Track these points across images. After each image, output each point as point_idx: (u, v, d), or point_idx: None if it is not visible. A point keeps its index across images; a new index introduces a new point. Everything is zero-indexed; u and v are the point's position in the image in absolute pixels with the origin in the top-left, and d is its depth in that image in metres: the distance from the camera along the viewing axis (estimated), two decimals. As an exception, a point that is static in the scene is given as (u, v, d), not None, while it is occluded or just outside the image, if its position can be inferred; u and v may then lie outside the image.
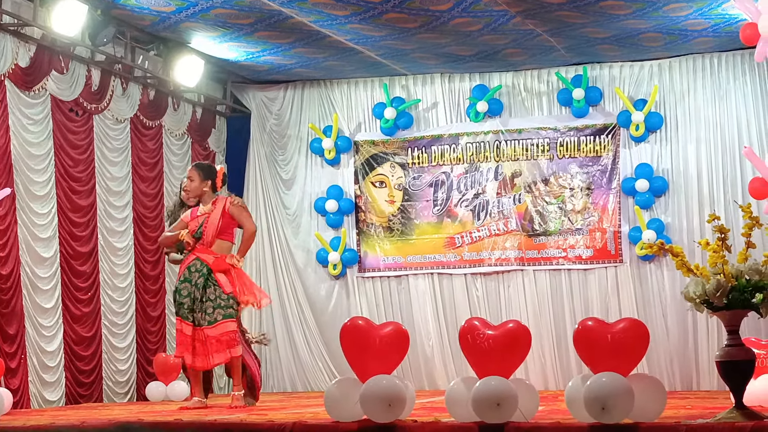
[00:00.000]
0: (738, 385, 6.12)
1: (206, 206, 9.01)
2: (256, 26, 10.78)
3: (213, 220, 8.93)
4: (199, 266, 8.90)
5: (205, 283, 8.86)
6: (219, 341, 8.83)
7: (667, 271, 11.91)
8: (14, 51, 9.78)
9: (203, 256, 8.92)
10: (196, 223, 8.98)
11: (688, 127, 12.10)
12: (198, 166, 9.23)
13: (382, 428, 6.29)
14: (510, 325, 6.43)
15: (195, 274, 8.89)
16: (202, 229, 8.93)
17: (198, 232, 8.93)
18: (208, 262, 8.90)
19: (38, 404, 9.91)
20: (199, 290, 8.85)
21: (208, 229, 8.92)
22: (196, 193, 9.03)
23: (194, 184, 9.03)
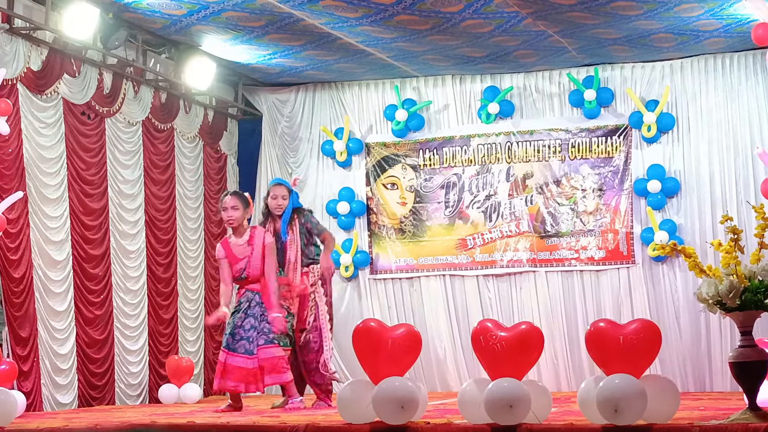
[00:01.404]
0: (751, 386, 6.11)
1: (241, 239, 9.06)
2: (267, 29, 10.80)
3: (255, 262, 9.02)
4: (251, 295, 9.04)
5: (260, 309, 9.00)
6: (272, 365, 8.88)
7: (679, 272, 11.89)
8: (26, 55, 9.80)
9: (253, 287, 9.07)
10: (238, 268, 9.03)
11: (700, 127, 12.08)
12: (239, 195, 9.22)
13: (394, 430, 6.29)
14: (522, 327, 6.44)
15: (246, 303, 9.03)
16: (245, 274, 9.01)
17: (242, 276, 9.04)
18: (257, 289, 9.05)
19: (51, 407, 9.93)
20: (254, 318, 8.97)
21: (252, 270, 9.01)
22: (240, 222, 9.10)
23: (238, 213, 9.08)
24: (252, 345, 8.86)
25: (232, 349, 8.87)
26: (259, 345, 8.87)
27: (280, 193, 9.38)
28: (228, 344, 8.91)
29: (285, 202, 9.36)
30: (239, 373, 8.83)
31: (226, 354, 8.89)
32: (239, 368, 8.84)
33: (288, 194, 9.39)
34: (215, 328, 9.32)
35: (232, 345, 8.89)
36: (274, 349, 8.89)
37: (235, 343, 8.88)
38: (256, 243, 9.00)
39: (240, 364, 8.85)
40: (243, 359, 8.85)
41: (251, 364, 8.83)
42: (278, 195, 9.38)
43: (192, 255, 12.30)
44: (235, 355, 8.86)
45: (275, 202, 9.37)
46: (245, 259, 8.98)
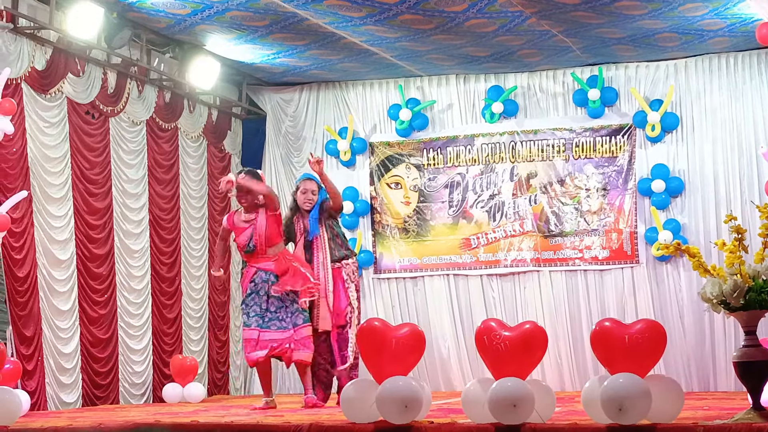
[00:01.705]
0: (755, 386, 6.10)
1: (249, 214, 9.04)
2: (271, 28, 10.80)
3: (260, 231, 8.98)
4: (265, 276, 8.98)
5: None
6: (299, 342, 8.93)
7: (683, 271, 11.88)
8: (30, 54, 9.81)
9: (263, 266, 8.99)
10: (244, 238, 9.00)
11: (704, 127, 12.07)
12: (253, 173, 9.17)
13: (398, 429, 6.29)
14: (526, 326, 6.43)
15: (263, 284, 8.97)
16: (253, 242, 8.96)
17: (249, 246, 8.97)
18: (270, 269, 8.98)
19: (55, 406, 9.94)
20: (276, 299, 8.95)
21: (259, 241, 8.97)
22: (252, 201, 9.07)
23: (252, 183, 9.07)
24: (285, 322, 8.93)
25: (265, 327, 8.90)
26: (296, 325, 8.93)
27: (310, 188, 9.21)
28: (260, 324, 8.92)
29: (315, 198, 9.19)
30: (271, 345, 8.90)
31: (259, 331, 8.92)
32: (273, 340, 8.91)
33: (318, 189, 9.22)
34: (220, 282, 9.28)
35: (264, 324, 8.91)
36: (305, 329, 8.96)
37: (267, 322, 8.91)
38: (259, 212, 9.00)
39: (274, 337, 8.91)
40: (278, 333, 8.92)
41: (286, 335, 8.90)
42: (308, 189, 9.20)
43: (196, 254, 12.30)
44: (268, 331, 8.91)
45: (305, 197, 9.20)
46: (250, 228, 8.96)
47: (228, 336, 12.84)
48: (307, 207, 9.19)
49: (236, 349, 12.98)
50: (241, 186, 8.92)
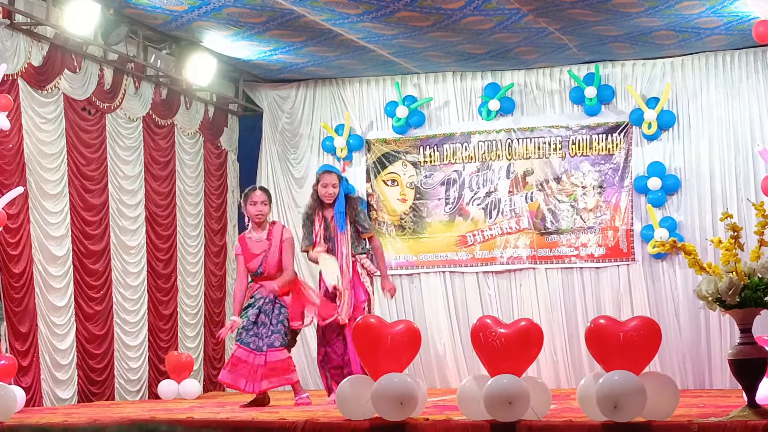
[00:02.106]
0: (750, 384, 6.11)
1: (260, 234, 9.07)
2: (268, 25, 10.80)
3: (272, 260, 9.05)
4: (265, 293, 9.01)
5: (272, 306, 9.00)
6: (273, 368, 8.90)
7: (679, 269, 11.89)
8: (27, 50, 9.80)
9: (266, 284, 9.04)
10: (255, 264, 9.05)
11: (700, 125, 12.08)
12: (265, 190, 9.27)
13: (393, 426, 6.29)
14: (522, 324, 6.44)
15: (260, 300, 9.03)
16: (261, 269, 9.03)
17: (258, 272, 9.05)
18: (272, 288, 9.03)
19: (51, 402, 9.94)
20: (265, 315, 8.97)
21: (268, 266, 9.04)
22: (266, 217, 9.13)
23: (267, 209, 9.17)
24: (262, 342, 8.90)
25: (244, 343, 8.93)
26: (271, 347, 8.89)
27: (331, 181, 9.10)
28: (241, 338, 8.96)
29: (336, 190, 9.09)
30: (242, 369, 8.88)
31: (237, 347, 8.98)
32: (243, 362, 8.89)
33: (338, 181, 9.12)
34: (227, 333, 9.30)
35: (245, 339, 8.94)
36: (282, 353, 8.93)
37: (248, 337, 8.93)
38: (274, 238, 9.06)
39: (244, 358, 8.90)
40: (249, 353, 8.90)
41: (257, 360, 8.87)
42: (329, 183, 9.09)
43: (192, 251, 12.30)
44: (244, 348, 8.93)
45: (326, 191, 9.10)
46: (262, 255, 9.03)
47: (224, 332, 12.82)
48: (328, 201, 9.11)
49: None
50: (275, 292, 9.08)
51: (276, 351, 8.90)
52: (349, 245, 9.10)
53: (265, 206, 9.10)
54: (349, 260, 9.09)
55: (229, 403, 9.69)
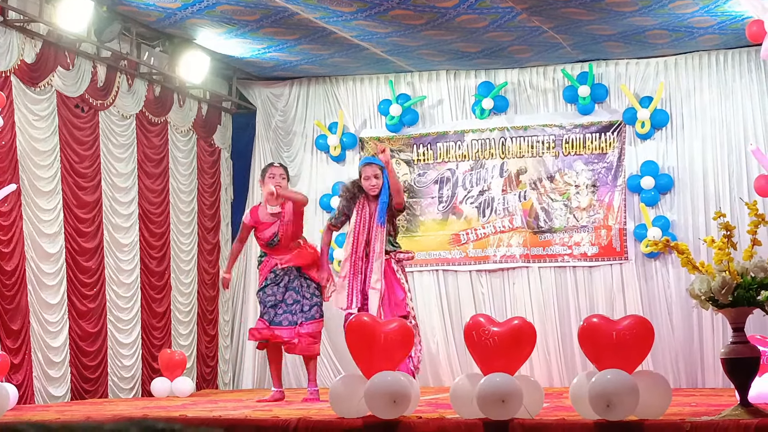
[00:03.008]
0: (743, 383, 6.12)
1: (274, 208, 9.12)
2: (261, 23, 10.79)
3: (287, 226, 9.09)
4: (288, 269, 9.07)
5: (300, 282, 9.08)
6: (313, 336, 9.07)
7: (672, 268, 11.91)
8: (20, 47, 9.79)
9: (283, 258, 9.08)
10: (269, 233, 9.08)
11: (693, 124, 12.09)
12: (284, 166, 9.39)
13: (386, 424, 6.29)
14: (515, 322, 6.44)
15: (284, 277, 9.08)
16: (279, 237, 9.07)
17: (274, 240, 9.05)
18: (292, 263, 9.08)
19: (43, 400, 9.93)
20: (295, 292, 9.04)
21: (284, 237, 9.09)
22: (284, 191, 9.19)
23: (285, 182, 9.22)
24: (296, 317, 9.03)
25: (276, 323, 9.00)
26: (305, 319, 9.04)
27: (372, 173, 8.86)
28: (271, 318, 9.02)
29: (379, 182, 8.83)
30: (280, 332, 9.05)
31: (268, 327, 9.06)
32: (281, 329, 9.04)
33: (380, 172, 8.86)
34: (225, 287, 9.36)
35: (276, 319, 9.01)
36: (315, 324, 9.09)
37: (278, 317, 9.00)
38: (286, 206, 9.15)
39: (284, 336, 9.04)
40: (287, 330, 9.03)
41: (294, 333, 9.02)
42: (370, 175, 8.85)
43: (185, 248, 12.29)
44: (278, 328, 9.02)
45: (368, 183, 8.84)
46: (276, 223, 9.09)
47: (217, 330, 12.84)
48: (373, 192, 8.86)
49: (225, 344, 12.98)
50: (281, 196, 9.08)
51: (309, 324, 9.05)
52: (383, 241, 8.85)
53: (283, 180, 9.20)
54: (382, 257, 8.80)
55: (222, 401, 9.69)
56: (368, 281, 8.76)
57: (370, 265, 8.80)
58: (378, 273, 8.74)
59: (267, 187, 9.04)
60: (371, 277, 8.75)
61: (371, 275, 8.75)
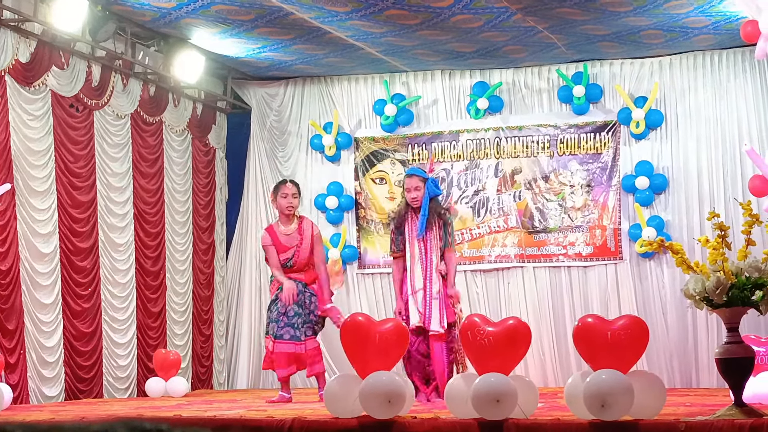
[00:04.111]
0: (737, 383, 6.13)
1: (289, 228, 9.17)
2: (256, 22, 10.78)
3: (304, 252, 9.17)
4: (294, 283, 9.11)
5: (303, 297, 9.11)
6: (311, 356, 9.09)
7: (666, 268, 11.91)
8: (15, 46, 9.77)
9: (294, 275, 9.15)
10: (287, 256, 9.16)
11: (688, 124, 12.11)
12: (296, 183, 9.42)
13: (381, 425, 6.29)
14: (510, 322, 6.45)
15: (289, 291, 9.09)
16: (293, 261, 9.15)
17: (289, 263, 9.15)
18: (300, 279, 9.16)
19: (37, 400, 9.91)
20: (297, 306, 9.05)
21: (299, 260, 9.16)
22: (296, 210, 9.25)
23: (297, 201, 9.29)
24: (299, 332, 9.03)
25: (278, 336, 9.04)
26: (307, 336, 9.05)
27: (413, 185, 8.85)
28: (275, 332, 9.06)
29: (419, 194, 8.79)
30: (286, 359, 9.01)
31: (273, 342, 9.06)
32: (286, 354, 9.01)
33: (422, 184, 8.81)
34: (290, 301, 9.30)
35: (278, 332, 9.04)
36: (312, 342, 9.11)
37: (280, 330, 9.01)
38: (305, 232, 9.22)
39: (286, 350, 9.02)
40: (291, 345, 9.02)
41: (299, 349, 9.02)
42: (411, 187, 8.84)
43: (180, 248, 12.28)
44: (281, 342, 9.03)
45: (409, 195, 8.84)
46: (294, 249, 9.19)
47: (212, 330, 12.83)
48: (415, 205, 8.84)
49: (220, 344, 12.97)
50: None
51: (312, 339, 9.09)
52: (437, 251, 8.78)
53: (295, 199, 9.25)
54: (434, 266, 8.74)
55: (217, 401, 9.68)
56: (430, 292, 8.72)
57: (428, 275, 8.75)
58: (438, 283, 8.72)
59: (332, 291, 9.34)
60: (432, 287, 8.72)
61: (431, 286, 8.73)
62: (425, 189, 8.81)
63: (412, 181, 8.88)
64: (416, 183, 8.85)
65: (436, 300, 8.67)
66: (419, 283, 8.73)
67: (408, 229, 8.91)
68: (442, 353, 8.60)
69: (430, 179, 8.91)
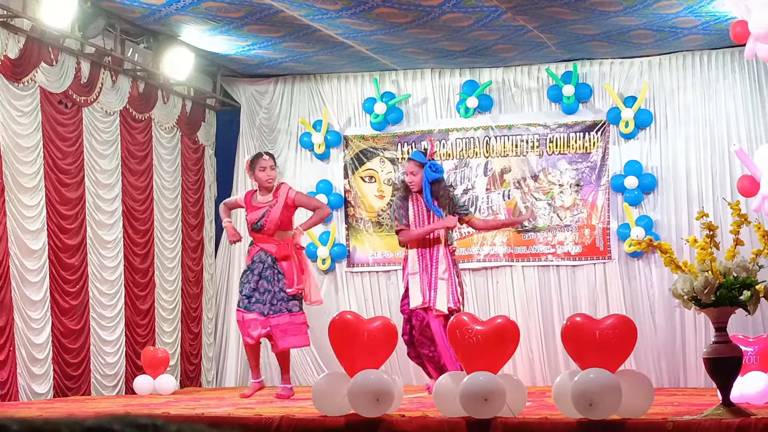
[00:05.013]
0: (725, 382, 6.14)
1: (267, 195, 9.11)
2: (246, 20, 10.77)
3: (274, 214, 9.07)
4: (264, 257, 9.03)
5: (272, 273, 9.00)
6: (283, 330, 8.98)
7: (655, 267, 11.94)
8: (3, 42, 9.75)
9: (266, 247, 9.06)
10: (256, 215, 9.10)
11: (677, 124, 12.13)
12: (272, 155, 9.40)
13: (369, 423, 6.29)
14: (498, 321, 6.46)
15: (259, 264, 9.00)
16: (262, 222, 9.04)
17: (258, 224, 9.04)
18: (270, 251, 9.04)
19: (26, 396, 9.89)
20: (266, 281, 8.96)
21: (269, 223, 9.05)
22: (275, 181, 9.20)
23: (275, 173, 9.23)
24: (266, 308, 8.98)
25: (249, 310, 9.00)
26: (273, 312, 8.97)
27: (409, 169, 9.01)
28: (245, 305, 9.03)
29: (415, 178, 8.93)
30: (256, 324, 8.97)
31: (243, 313, 9.03)
32: (255, 320, 8.97)
33: (418, 169, 8.96)
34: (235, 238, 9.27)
35: (249, 306, 9.00)
36: (285, 316, 9.01)
37: (251, 305, 8.99)
38: (280, 195, 9.15)
39: (256, 318, 8.98)
40: (258, 316, 8.97)
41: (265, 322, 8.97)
42: (408, 171, 9.03)
43: (169, 246, 12.27)
44: (250, 313, 8.99)
45: (407, 179, 9.04)
46: (265, 208, 9.07)
47: (201, 328, 12.82)
48: (414, 189, 8.97)
49: (208, 342, 12.96)
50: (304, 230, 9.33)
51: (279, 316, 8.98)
52: (443, 232, 8.93)
53: (273, 171, 9.22)
54: (447, 246, 8.91)
55: (205, 399, 9.67)
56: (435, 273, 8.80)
57: (434, 256, 8.85)
58: (444, 263, 8.82)
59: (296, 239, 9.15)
60: (438, 267, 8.80)
61: (437, 266, 8.81)
62: (422, 174, 8.92)
63: (409, 166, 9.06)
64: (412, 168, 9.00)
65: (443, 281, 8.75)
66: (416, 266, 8.84)
67: (415, 208, 8.99)
68: (441, 334, 8.58)
69: (428, 163, 8.98)
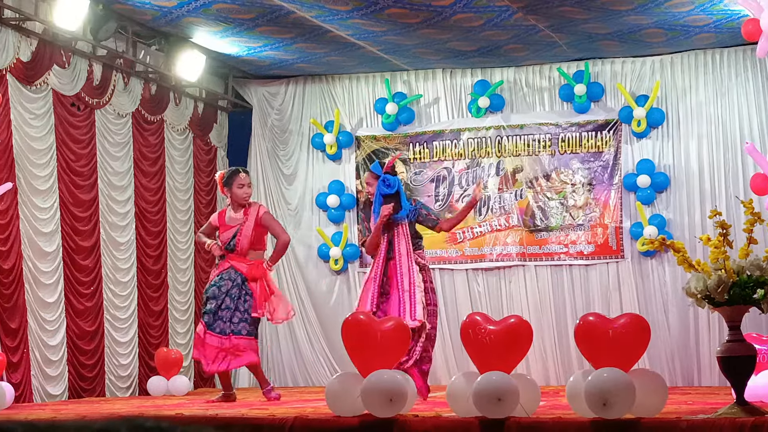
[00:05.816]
0: (739, 381, 6.13)
1: (237, 213, 9.13)
2: (257, 21, 10.78)
3: (246, 232, 9.13)
4: (233, 275, 9.07)
5: (239, 292, 8.99)
6: (237, 349, 8.99)
7: (668, 266, 11.92)
8: (16, 45, 9.78)
9: (237, 265, 9.10)
10: (228, 235, 9.15)
11: (689, 122, 12.11)
12: (247, 172, 9.44)
13: (382, 423, 6.30)
14: (511, 320, 6.45)
15: (227, 282, 9.02)
16: (235, 242, 9.09)
17: (230, 244, 9.08)
18: (242, 270, 9.08)
19: (41, 398, 9.92)
20: (230, 299, 8.96)
21: (242, 241, 9.11)
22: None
23: (251, 190, 9.35)
24: (226, 326, 9.00)
25: (210, 328, 9.01)
26: (238, 334, 8.98)
27: (367, 180, 9.26)
28: (208, 322, 9.03)
29: (371, 189, 9.11)
30: (213, 352, 8.99)
31: (204, 330, 9.04)
32: (213, 347, 8.99)
33: (373, 181, 9.07)
34: None
35: (212, 323, 9.00)
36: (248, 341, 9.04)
37: (214, 321, 8.99)
38: (250, 214, 9.21)
39: (214, 344, 9.00)
40: (217, 339, 9.00)
41: (224, 344, 8.98)
42: (366, 182, 9.30)
43: (182, 247, 12.29)
44: (212, 334, 9.01)
45: (366, 190, 9.31)
46: (236, 228, 9.13)
47: (213, 329, 12.81)
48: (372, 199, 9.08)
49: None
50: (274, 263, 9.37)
51: (243, 338, 9.01)
52: (408, 240, 8.94)
53: (250, 188, 9.34)
54: (411, 258, 8.86)
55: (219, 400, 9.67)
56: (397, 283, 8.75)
57: (396, 266, 8.82)
58: (408, 276, 8.76)
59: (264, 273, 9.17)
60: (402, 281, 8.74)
61: (400, 278, 8.76)
62: (377, 187, 9.00)
63: (367, 177, 9.33)
64: (369, 179, 9.22)
65: (407, 293, 8.68)
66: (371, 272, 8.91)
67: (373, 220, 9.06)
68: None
69: (382, 177, 8.98)
